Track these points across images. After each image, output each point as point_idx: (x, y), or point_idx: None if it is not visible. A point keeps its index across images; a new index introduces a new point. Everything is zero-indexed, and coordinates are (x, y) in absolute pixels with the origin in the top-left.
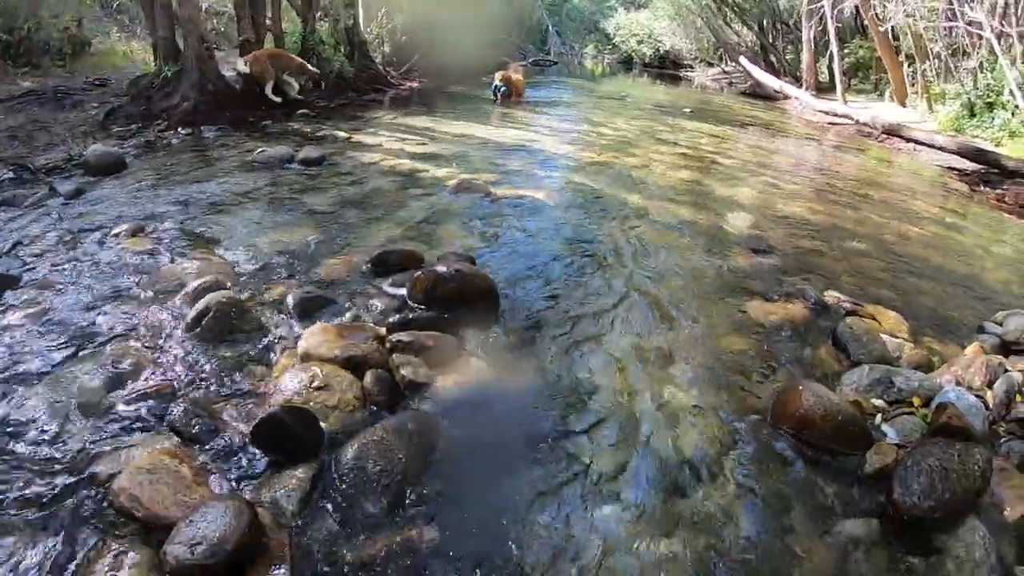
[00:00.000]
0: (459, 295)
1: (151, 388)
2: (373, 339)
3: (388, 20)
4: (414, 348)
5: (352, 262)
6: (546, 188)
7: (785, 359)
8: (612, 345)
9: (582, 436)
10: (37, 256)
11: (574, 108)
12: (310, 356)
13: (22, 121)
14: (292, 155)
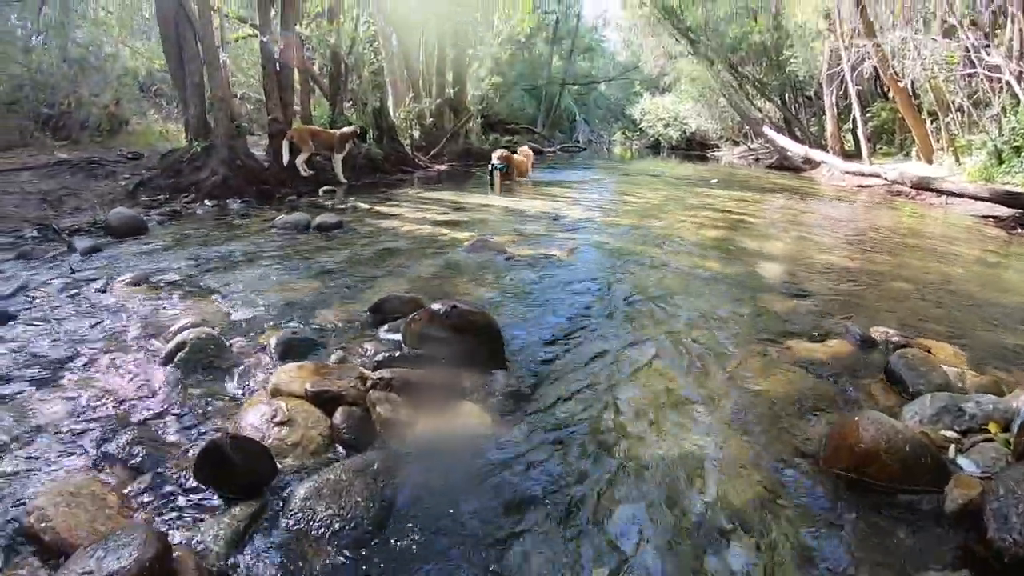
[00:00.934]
0: (457, 334)
1: (105, 416)
2: (355, 378)
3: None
4: (396, 386)
5: (351, 311)
6: (566, 248)
7: (833, 397)
8: (634, 390)
9: (591, 491)
10: (38, 299)
11: (600, 184)
12: (279, 391)
13: (54, 187)
14: (309, 222)
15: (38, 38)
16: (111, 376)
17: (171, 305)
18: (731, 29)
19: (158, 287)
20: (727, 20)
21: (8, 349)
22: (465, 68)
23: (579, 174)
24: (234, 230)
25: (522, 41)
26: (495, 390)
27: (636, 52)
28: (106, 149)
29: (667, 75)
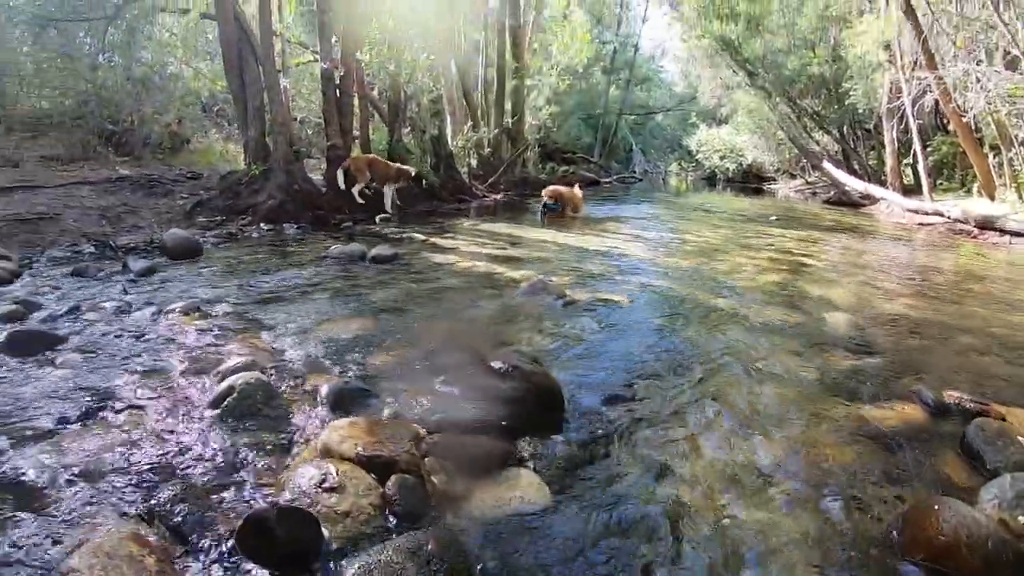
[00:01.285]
0: (516, 394)
1: (147, 464)
2: (408, 439)
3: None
4: (453, 452)
5: (406, 357)
6: (626, 292)
7: (906, 472)
8: (695, 462)
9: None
10: (89, 322)
11: (658, 219)
12: (330, 452)
13: (113, 203)
14: (364, 252)
15: (104, 56)
16: (155, 417)
17: (221, 339)
18: (790, 61)
19: (209, 317)
20: (786, 52)
21: (55, 376)
22: (523, 97)
23: (635, 208)
24: (289, 257)
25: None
26: (553, 457)
27: (693, 83)
28: (167, 167)
29: (724, 106)
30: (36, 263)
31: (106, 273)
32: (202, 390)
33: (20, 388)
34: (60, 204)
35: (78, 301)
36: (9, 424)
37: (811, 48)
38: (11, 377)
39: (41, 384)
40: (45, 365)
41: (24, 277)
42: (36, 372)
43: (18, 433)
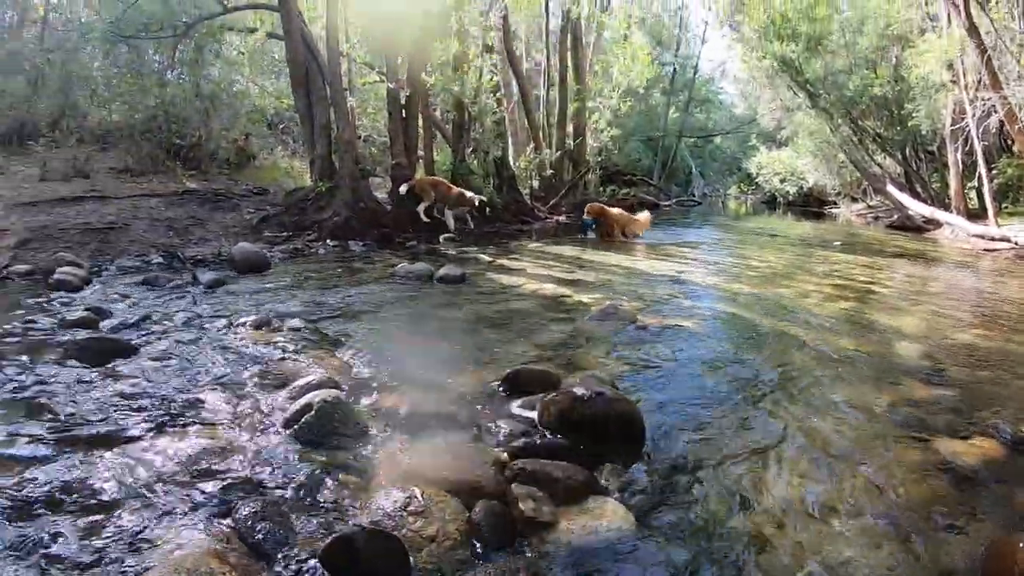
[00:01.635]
0: (598, 423)
1: (224, 479)
2: (491, 464)
3: (536, 155)
4: (539, 479)
5: (481, 379)
6: (695, 317)
7: (985, 507)
8: (773, 493)
9: None
10: (161, 333)
11: (722, 244)
12: (413, 475)
13: (181, 215)
14: (432, 272)
15: (172, 73)
16: (231, 431)
17: (294, 354)
18: (851, 81)
19: (280, 332)
20: (847, 72)
21: (128, 386)
22: (585, 119)
23: (697, 232)
24: (356, 275)
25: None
26: (636, 486)
27: (752, 104)
28: (232, 181)
29: (784, 128)
30: (106, 271)
31: (175, 284)
32: (278, 406)
33: (93, 397)
34: (129, 215)
35: (149, 310)
36: (83, 433)
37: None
38: (83, 386)
39: (114, 394)
40: (117, 374)
41: (94, 284)
42: (108, 381)
43: (93, 442)
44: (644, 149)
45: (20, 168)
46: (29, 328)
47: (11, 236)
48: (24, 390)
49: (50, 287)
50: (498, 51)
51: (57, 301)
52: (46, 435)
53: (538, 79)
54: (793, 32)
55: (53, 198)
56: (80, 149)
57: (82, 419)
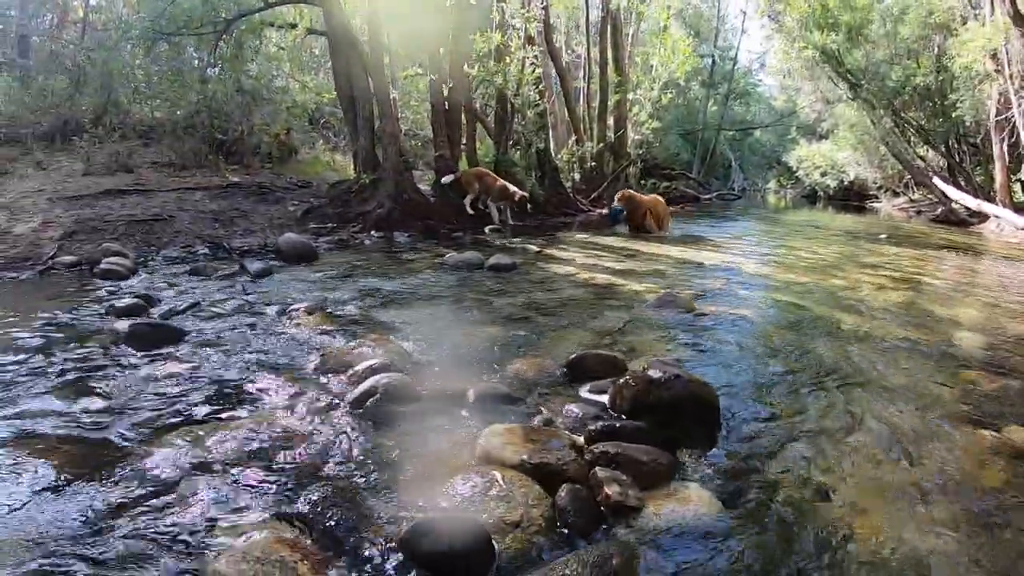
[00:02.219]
0: (675, 406)
1: (290, 464)
2: (569, 448)
3: (578, 148)
4: (622, 463)
5: (543, 365)
6: (752, 306)
7: None
8: (848, 479)
9: None
10: (210, 318)
11: (767, 236)
12: (490, 458)
13: (225, 207)
14: (482, 261)
15: (213, 69)
16: (291, 416)
17: (350, 339)
18: (893, 72)
19: (335, 318)
20: (888, 62)
21: (184, 371)
22: (626, 112)
23: (741, 225)
24: (404, 264)
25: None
26: (717, 470)
27: (792, 97)
28: (275, 175)
29: (824, 120)
30: (151, 261)
31: (223, 273)
32: (341, 390)
33: (148, 382)
34: (174, 207)
35: (198, 298)
36: (141, 419)
37: (914, 58)
38: (136, 371)
39: (168, 378)
40: (169, 359)
41: (140, 274)
42: (161, 366)
43: (152, 427)
44: (683, 143)
45: (64, 163)
46: (78, 315)
47: (56, 228)
48: (77, 375)
49: (96, 276)
50: (538, 43)
51: (104, 289)
52: (103, 420)
53: (577, 71)
54: (834, 22)
55: (97, 191)
56: (123, 145)
57: (139, 404)
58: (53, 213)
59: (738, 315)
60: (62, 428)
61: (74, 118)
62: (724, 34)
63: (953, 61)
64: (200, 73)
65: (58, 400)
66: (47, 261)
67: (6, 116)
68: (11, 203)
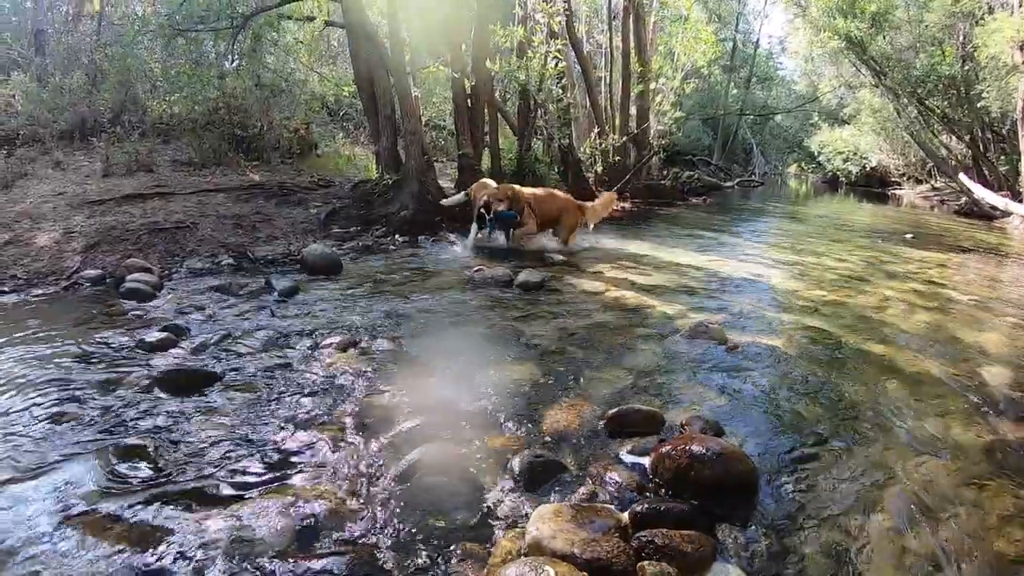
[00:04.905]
0: (717, 486)
1: (344, 547)
2: (614, 531)
3: (601, 141)
4: (668, 554)
5: (581, 415)
6: (782, 335)
7: None
8: (880, 553)
9: None
10: (244, 355)
11: (793, 237)
12: (541, 547)
13: (247, 211)
14: (511, 278)
15: (231, 64)
16: (338, 486)
17: (386, 383)
18: (918, 60)
19: (368, 357)
20: (913, 50)
21: (220, 426)
22: (649, 102)
23: (764, 224)
24: (430, 278)
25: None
26: (754, 549)
27: (814, 81)
28: (296, 172)
29: (847, 106)
30: (176, 274)
31: (249, 290)
32: (385, 455)
33: (185, 439)
34: (196, 212)
35: (227, 327)
36: (181, 482)
37: (939, 46)
38: (173, 425)
39: (205, 431)
40: (204, 408)
41: (165, 291)
42: (196, 416)
43: (193, 494)
44: (703, 127)
45: (83, 163)
46: (108, 350)
47: (79, 238)
48: (113, 427)
49: (122, 296)
50: (561, 35)
51: (132, 313)
52: (141, 489)
53: (598, 61)
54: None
55: (118, 196)
56: (142, 143)
57: (177, 469)
58: (75, 221)
59: (770, 347)
60: (105, 500)
61: (92, 116)
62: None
63: (979, 51)
64: (218, 68)
65: (98, 461)
66: (71, 276)
67: (24, 115)
68: (32, 209)
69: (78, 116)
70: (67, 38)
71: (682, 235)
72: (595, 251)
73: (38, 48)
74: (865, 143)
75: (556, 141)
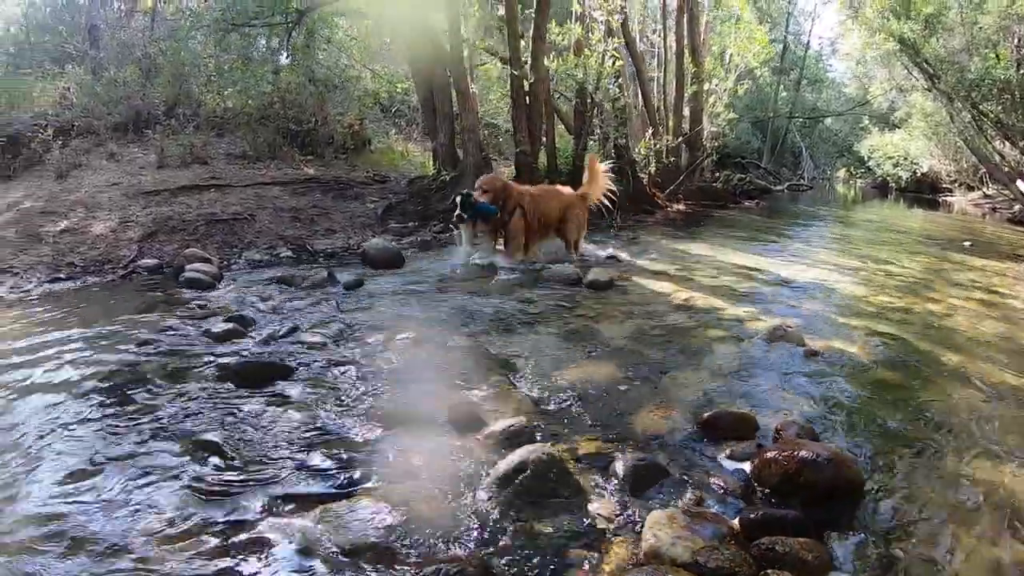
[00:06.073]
0: (830, 491)
1: (450, 561)
2: (730, 539)
3: (655, 141)
4: (789, 563)
5: (672, 417)
6: (857, 341)
7: None
8: (981, 565)
9: None
10: (313, 347)
11: (850, 242)
12: (659, 555)
13: (304, 204)
14: (579, 276)
15: (285, 59)
16: (431, 489)
17: (467, 381)
18: (972, 63)
19: (445, 351)
20: (967, 52)
21: (295, 421)
22: (702, 103)
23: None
24: (493, 275)
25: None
26: (863, 558)
27: (864, 84)
28: (350, 167)
29: (898, 109)
30: (235, 265)
31: (311, 282)
32: (475, 458)
33: (262, 436)
34: (253, 204)
35: (294, 320)
36: (260, 482)
37: (993, 48)
38: (249, 421)
39: (281, 428)
40: (279, 402)
41: (225, 281)
42: (271, 411)
43: (274, 495)
44: (752, 130)
45: (138, 155)
46: (173, 341)
47: (136, 228)
48: (188, 425)
49: (181, 285)
50: (618, 35)
51: (194, 303)
52: (224, 491)
53: (650, 61)
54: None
55: (174, 187)
56: (197, 136)
57: (255, 467)
58: (131, 211)
59: (847, 353)
60: (182, 498)
61: (146, 109)
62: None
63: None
64: (273, 63)
65: (175, 457)
66: (128, 264)
67: (79, 107)
68: (87, 198)
69: (132, 109)
70: (120, 33)
71: (740, 238)
72: (656, 252)
73: (92, 42)
74: (916, 148)
75: (612, 141)
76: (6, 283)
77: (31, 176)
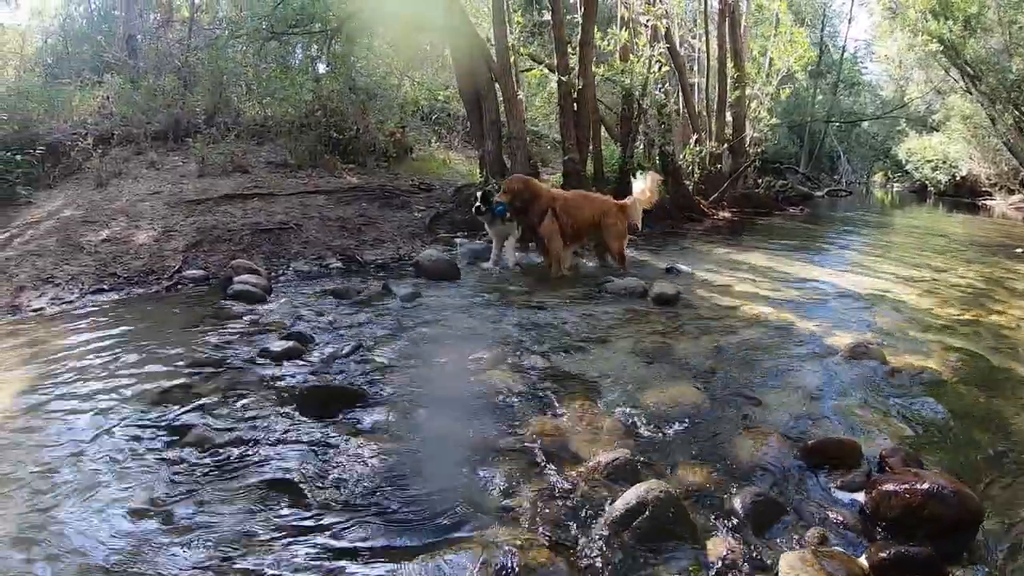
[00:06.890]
0: (955, 525)
1: None
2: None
3: (699, 147)
4: None
5: (769, 443)
6: (934, 356)
7: None
8: None
9: None
10: (381, 369)
11: (898, 248)
12: None
13: (351, 214)
14: (645, 289)
15: (326, 68)
16: (543, 535)
17: (553, 405)
18: (1013, 64)
19: (522, 372)
20: (1007, 53)
21: (374, 451)
22: (745, 108)
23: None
24: (559, 288)
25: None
26: None
27: (901, 86)
28: (393, 175)
29: (935, 112)
30: (283, 276)
31: (366, 294)
32: (581, 494)
33: (336, 468)
34: (299, 214)
35: (355, 336)
36: (340, 527)
37: None
38: (318, 449)
39: (359, 462)
40: (352, 432)
41: (275, 294)
42: (345, 442)
43: (358, 544)
44: (789, 135)
45: (178, 163)
46: (229, 359)
47: (180, 238)
48: (254, 457)
49: (229, 297)
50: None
51: (246, 317)
52: (294, 536)
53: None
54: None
55: (216, 196)
56: (237, 144)
57: (334, 510)
58: (173, 220)
59: (927, 370)
60: (252, 548)
61: (186, 117)
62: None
63: None
64: (313, 72)
65: (244, 498)
66: (173, 275)
67: (118, 116)
68: (129, 207)
69: (171, 117)
70: (157, 43)
71: (792, 246)
72: (712, 263)
73: (130, 52)
74: (955, 151)
75: (657, 147)
76: (47, 294)
77: (71, 185)
